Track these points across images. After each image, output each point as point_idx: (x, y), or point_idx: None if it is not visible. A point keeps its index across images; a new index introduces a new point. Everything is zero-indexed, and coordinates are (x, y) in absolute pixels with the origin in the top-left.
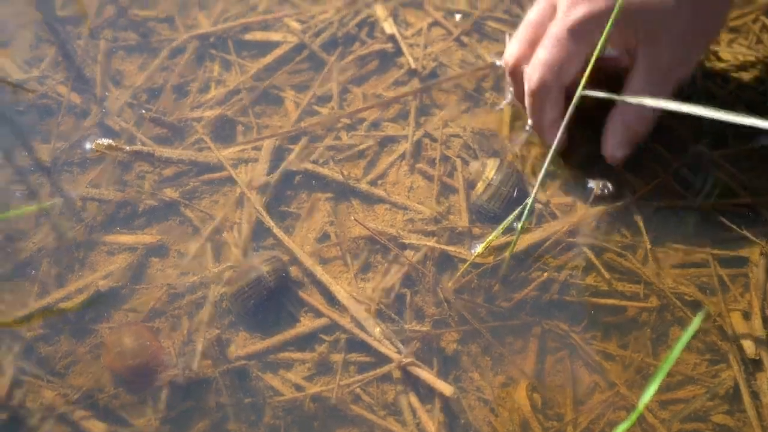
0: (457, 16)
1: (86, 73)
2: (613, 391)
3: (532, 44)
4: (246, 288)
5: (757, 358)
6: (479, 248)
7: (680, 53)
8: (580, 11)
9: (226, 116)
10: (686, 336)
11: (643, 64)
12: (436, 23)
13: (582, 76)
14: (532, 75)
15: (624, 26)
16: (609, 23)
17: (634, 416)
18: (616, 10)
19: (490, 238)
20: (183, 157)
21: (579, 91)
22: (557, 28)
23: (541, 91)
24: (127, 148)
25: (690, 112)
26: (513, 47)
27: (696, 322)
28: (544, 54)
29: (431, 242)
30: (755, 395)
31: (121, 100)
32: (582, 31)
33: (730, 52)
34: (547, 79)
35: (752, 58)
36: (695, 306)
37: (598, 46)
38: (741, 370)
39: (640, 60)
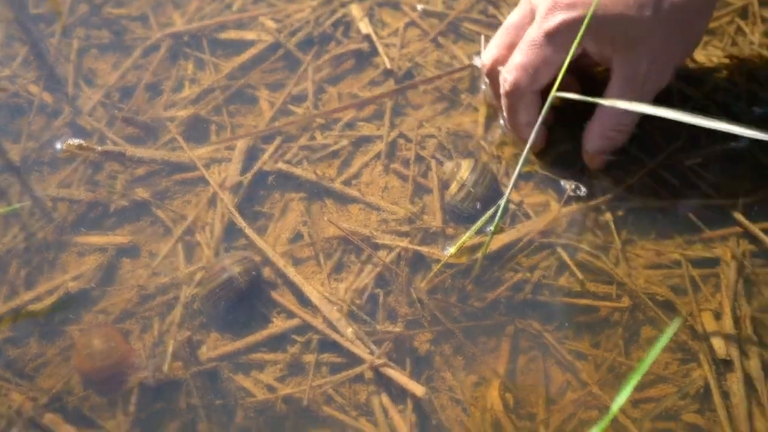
0: (419, 7)
1: (58, 72)
2: (585, 390)
3: (510, 47)
4: (217, 289)
5: (728, 358)
6: (452, 249)
7: (657, 64)
8: (558, 18)
9: (199, 116)
10: (659, 345)
11: (619, 74)
12: (412, 23)
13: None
14: (507, 77)
15: (600, 36)
16: (580, 32)
17: (607, 419)
18: (587, 20)
19: (463, 239)
20: (155, 156)
21: (552, 93)
22: (534, 33)
23: (515, 94)
24: (98, 148)
25: (662, 115)
26: (491, 49)
27: (670, 332)
28: (519, 57)
29: (405, 243)
30: (725, 395)
31: (94, 99)
32: (558, 37)
33: (705, 55)
34: (521, 82)
35: (726, 61)
36: (667, 306)
37: (570, 54)
38: (712, 369)
39: (616, 70)
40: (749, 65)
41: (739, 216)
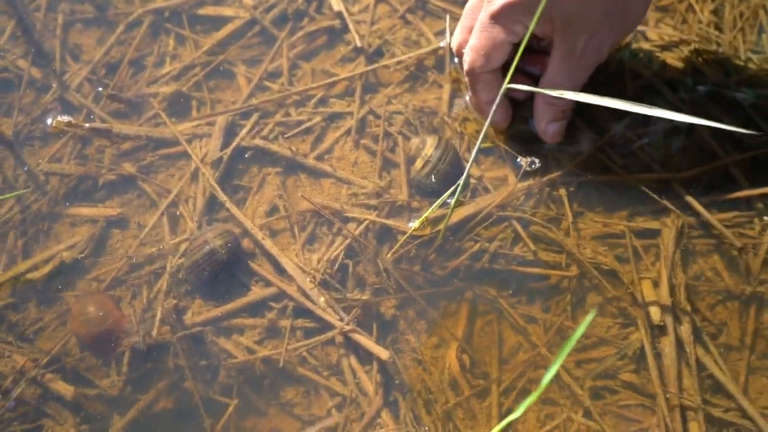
0: None
1: (45, 47)
2: (535, 351)
3: (470, 30)
4: (200, 260)
5: (662, 323)
6: (416, 223)
7: (594, 41)
8: (501, 0)
9: (181, 92)
10: (581, 327)
11: (558, 50)
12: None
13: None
14: (465, 60)
15: (541, 15)
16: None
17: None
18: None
19: (426, 213)
20: (140, 132)
21: (505, 84)
22: (482, 16)
23: (472, 75)
24: (86, 125)
25: (599, 103)
26: (456, 34)
27: (588, 319)
28: (472, 41)
29: (372, 216)
30: (658, 356)
31: (80, 75)
32: (503, 19)
33: (657, 32)
34: (476, 64)
35: (676, 39)
36: (611, 274)
37: (525, 38)
38: (647, 333)
39: (556, 46)
40: (697, 44)
41: (679, 189)
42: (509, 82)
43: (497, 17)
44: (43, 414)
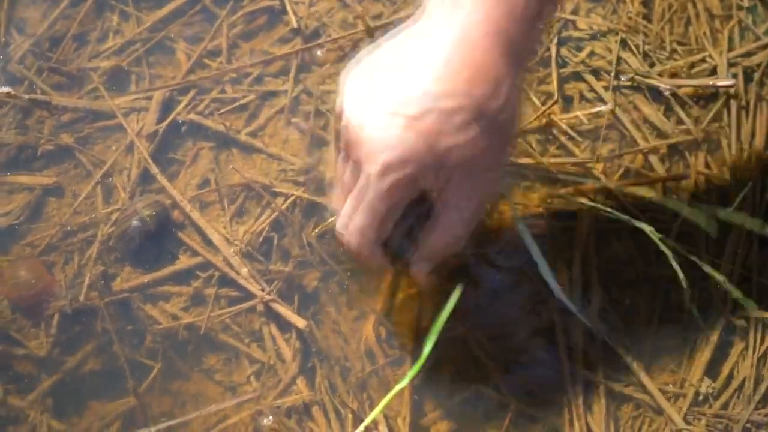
0: None
1: None
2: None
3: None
4: (129, 229)
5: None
6: None
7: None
8: (391, 177)
9: (121, 66)
10: (449, 305)
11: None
12: None
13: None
14: (350, 241)
15: (433, 175)
16: None
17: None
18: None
19: None
20: (78, 105)
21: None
22: (371, 195)
23: (362, 254)
24: (26, 96)
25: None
26: (342, 218)
27: (456, 294)
28: (360, 220)
29: (300, 191)
30: (567, 333)
31: (23, 47)
32: (395, 195)
33: (587, 21)
34: (363, 244)
35: (605, 28)
36: None
37: None
38: (558, 312)
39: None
40: (625, 33)
41: (596, 172)
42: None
43: (391, 194)
44: None
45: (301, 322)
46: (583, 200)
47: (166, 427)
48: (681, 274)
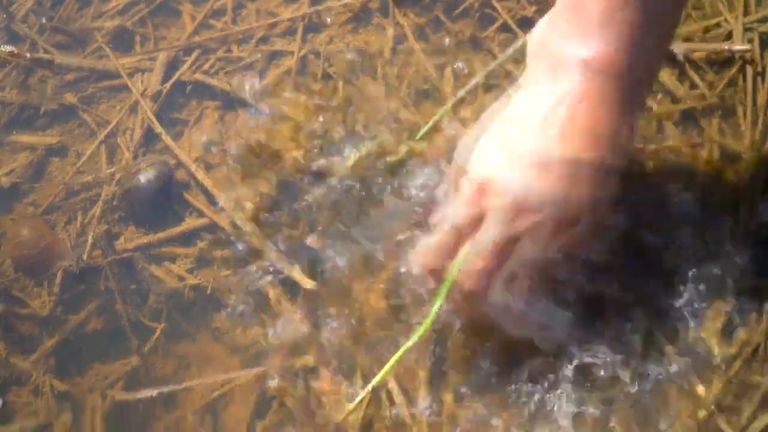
0: None
1: None
2: None
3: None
4: (133, 189)
5: None
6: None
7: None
8: (526, 221)
9: (125, 27)
10: (455, 264)
11: None
12: None
13: None
14: (474, 283)
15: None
16: None
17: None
18: None
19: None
20: (83, 64)
21: None
22: (497, 237)
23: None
24: (28, 55)
25: None
26: (432, 256)
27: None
28: (481, 263)
29: (301, 153)
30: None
31: (26, 6)
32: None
33: None
34: (481, 287)
35: None
36: None
37: None
38: None
39: None
40: None
41: None
42: None
43: (520, 238)
44: None
45: (308, 283)
46: None
47: (169, 390)
48: None
